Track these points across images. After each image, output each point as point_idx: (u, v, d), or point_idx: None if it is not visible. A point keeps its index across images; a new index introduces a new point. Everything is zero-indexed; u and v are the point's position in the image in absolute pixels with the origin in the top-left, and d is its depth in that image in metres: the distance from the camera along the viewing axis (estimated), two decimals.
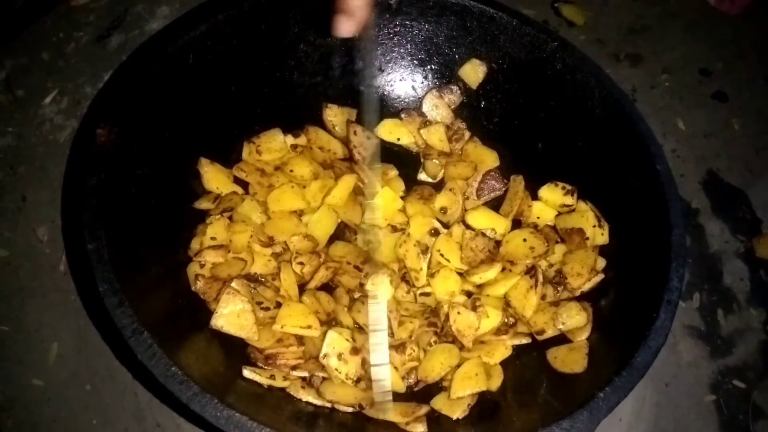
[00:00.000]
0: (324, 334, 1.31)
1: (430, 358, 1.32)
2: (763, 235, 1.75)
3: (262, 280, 1.38)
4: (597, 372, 1.20)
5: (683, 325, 1.63)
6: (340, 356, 1.26)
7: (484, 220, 1.49)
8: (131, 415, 1.44)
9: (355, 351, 1.27)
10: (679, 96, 2.00)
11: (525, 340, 1.36)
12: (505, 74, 1.55)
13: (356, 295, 1.39)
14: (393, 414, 1.20)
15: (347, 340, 1.27)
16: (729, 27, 2.14)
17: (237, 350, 1.27)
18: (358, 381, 1.26)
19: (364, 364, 1.28)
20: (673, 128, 1.94)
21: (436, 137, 1.58)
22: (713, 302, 1.67)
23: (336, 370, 1.25)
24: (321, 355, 1.26)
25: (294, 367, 1.26)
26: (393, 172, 1.56)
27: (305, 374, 1.27)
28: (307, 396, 1.23)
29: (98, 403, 1.45)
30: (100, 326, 1.51)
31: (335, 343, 1.27)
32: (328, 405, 1.23)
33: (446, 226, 1.50)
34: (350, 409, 1.22)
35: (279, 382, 1.23)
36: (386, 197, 1.47)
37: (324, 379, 1.27)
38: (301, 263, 1.38)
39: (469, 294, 1.41)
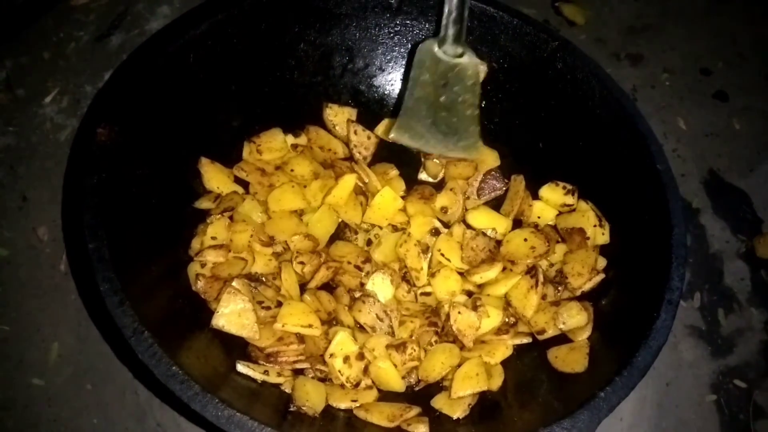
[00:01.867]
0: (325, 332, 1.31)
1: (431, 357, 1.32)
2: (763, 235, 1.75)
3: (263, 279, 1.38)
4: (598, 372, 1.20)
5: (684, 325, 1.63)
6: (346, 359, 1.26)
7: (484, 219, 1.49)
8: (132, 414, 1.44)
9: (360, 356, 1.27)
10: (680, 95, 2.00)
11: (526, 340, 1.36)
12: (505, 74, 1.55)
13: (357, 294, 1.39)
14: (380, 417, 1.20)
15: (355, 343, 1.27)
16: (729, 26, 2.14)
17: (238, 349, 1.27)
18: (356, 385, 1.26)
19: (366, 370, 1.28)
20: (674, 128, 1.94)
21: None
22: (714, 302, 1.67)
23: (339, 371, 1.25)
24: (327, 353, 1.26)
25: (295, 361, 1.27)
26: (393, 172, 1.56)
27: (306, 366, 1.27)
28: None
29: (99, 402, 1.45)
30: (100, 326, 1.51)
31: (343, 344, 1.27)
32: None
33: (447, 225, 1.50)
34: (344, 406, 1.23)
35: (273, 378, 1.23)
36: (387, 197, 1.46)
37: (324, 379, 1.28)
38: (302, 263, 1.38)
39: (469, 294, 1.41)
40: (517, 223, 1.51)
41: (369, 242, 1.48)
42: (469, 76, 1.36)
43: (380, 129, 1.61)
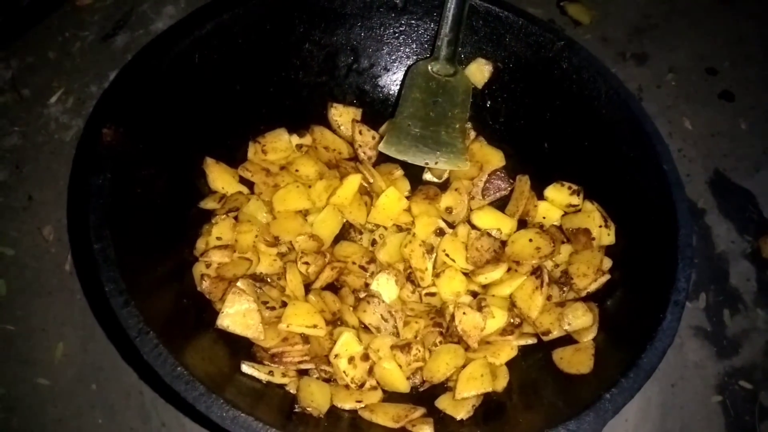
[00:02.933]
0: (330, 333, 1.31)
1: (436, 358, 1.31)
2: None
3: (268, 279, 1.39)
4: (603, 373, 1.20)
5: (689, 326, 1.63)
6: (351, 360, 1.26)
7: (489, 220, 1.49)
8: (137, 414, 1.44)
9: (365, 357, 1.27)
10: (686, 95, 1.99)
11: (531, 341, 1.36)
12: (510, 73, 1.55)
13: (361, 294, 1.39)
14: (385, 418, 1.20)
15: (360, 344, 1.27)
16: (736, 26, 2.13)
17: (242, 350, 1.27)
18: (361, 386, 1.26)
19: (371, 370, 1.28)
20: (680, 128, 1.93)
21: None
22: (719, 303, 1.66)
23: (344, 372, 1.25)
24: (332, 354, 1.26)
25: (300, 361, 1.27)
26: (398, 172, 1.56)
27: (310, 366, 1.27)
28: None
29: (104, 402, 1.45)
30: (105, 326, 1.52)
31: (348, 345, 1.27)
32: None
33: (451, 226, 1.50)
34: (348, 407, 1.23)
35: (277, 378, 1.23)
36: (391, 197, 1.46)
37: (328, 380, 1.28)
38: (307, 263, 1.38)
39: (474, 294, 1.41)
40: (522, 224, 1.51)
41: (374, 242, 1.48)
42: (459, 93, 1.48)
43: (385, 129, 1.60)
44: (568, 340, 1.32)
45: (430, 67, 1.51)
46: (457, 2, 1.43)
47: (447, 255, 1.42)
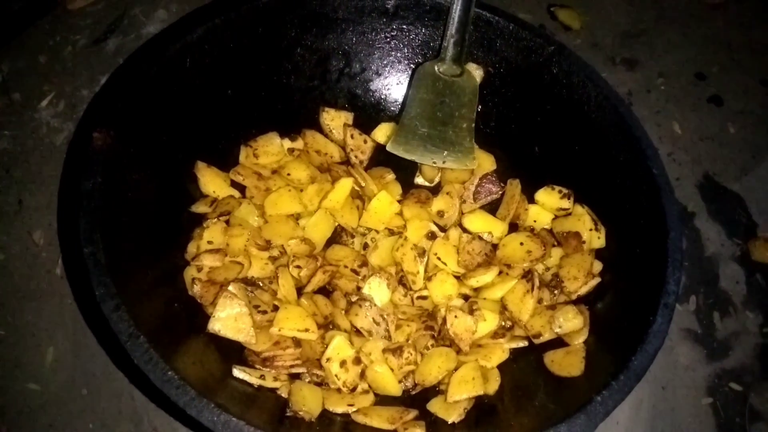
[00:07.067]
0: (321, 336, 1.31)
1: (427, 361, 1.31)
2: (758, 238, 1.76)
3: (259, 283, 1.38)
4: (594, 375, 1.20)
5: (680, 329, 1.64)
6: (342, 363, 1.26)
7: (480, 223, 1.50)
8: (128, 419, 1.44)
9: (357, 361, 1.27)
10: (675, 100, 2.01)
11: (522, 344, 1.36)
12: (501, 78, 1.56)
13: (353, 298, 1.39)
14: (380, 420, 1.20)
15: (352, 347, 1.27)
16: (724, 31, 2.15)
17: (234, 354, 1.27)
18: (353, 389, 1.26)
19: (363, 374, 1.28)
20: (669, 132, 1.94)
21: None
22: (709, 305, 1.67)
23: (336, 375, 1.25)
24: (324, 358, 1.26)
25: (291, 365, 1.27)
26: (390, 176, 1.57)
27: (302, 370, 1.27)
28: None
29: (95, 407, 1.45)
30: (96, 330, 1.51)
31: (340, 348, 1.27)
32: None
33: (443, 229, 1.50)
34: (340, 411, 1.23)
35: (269, 383, 1.23)
36: (383, 201, 1.47)
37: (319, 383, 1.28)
38: (298, 267, 1.38)
39: (466, 297, 1.42)
40: (513, 227, 1.51)
41: (365, 246, 1.48)
42: (466, 93, 1.48)
43: (377, 133, 1.61)
44: (559, 342, 1.32)
45: (436, 68, 1.52)
46: (463, 3, 1.44)
47: (438, 258, 1.42)
